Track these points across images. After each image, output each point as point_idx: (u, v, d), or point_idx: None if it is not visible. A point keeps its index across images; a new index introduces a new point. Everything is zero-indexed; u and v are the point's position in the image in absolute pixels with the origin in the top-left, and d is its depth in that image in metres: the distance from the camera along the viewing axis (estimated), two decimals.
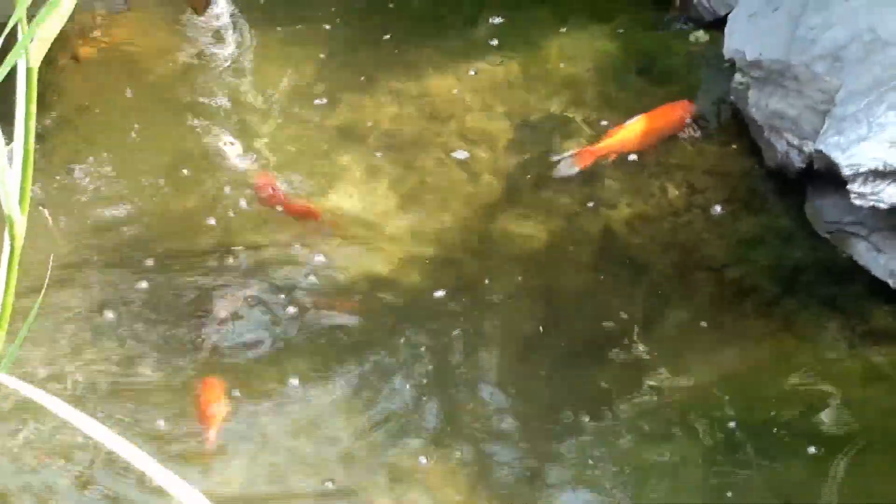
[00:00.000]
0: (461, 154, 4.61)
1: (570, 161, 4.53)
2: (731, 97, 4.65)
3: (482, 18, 5.15)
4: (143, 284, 4.19)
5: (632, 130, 4.61)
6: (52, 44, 1.37)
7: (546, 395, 3.96)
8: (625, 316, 4.11)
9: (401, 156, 4.62)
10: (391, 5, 5.17)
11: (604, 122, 4.68)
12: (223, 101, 4.75)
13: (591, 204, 4.44)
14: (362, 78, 4.90)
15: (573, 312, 4.17)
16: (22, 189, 1.36)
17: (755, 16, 4.63)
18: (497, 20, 5.13)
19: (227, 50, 4.95)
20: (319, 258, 4.27)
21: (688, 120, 4.69)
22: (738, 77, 4.58)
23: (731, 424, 3.84)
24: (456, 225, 4.40)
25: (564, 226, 4.39)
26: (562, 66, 4.95)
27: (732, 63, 4.62)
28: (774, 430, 3.84)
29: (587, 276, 4.27)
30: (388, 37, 5.07)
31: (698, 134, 4.66)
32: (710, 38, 4.96)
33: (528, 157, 4.61)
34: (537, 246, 4.34)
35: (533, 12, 5.18)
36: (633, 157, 4.55)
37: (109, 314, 4.12)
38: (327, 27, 5.09)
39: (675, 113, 4.71)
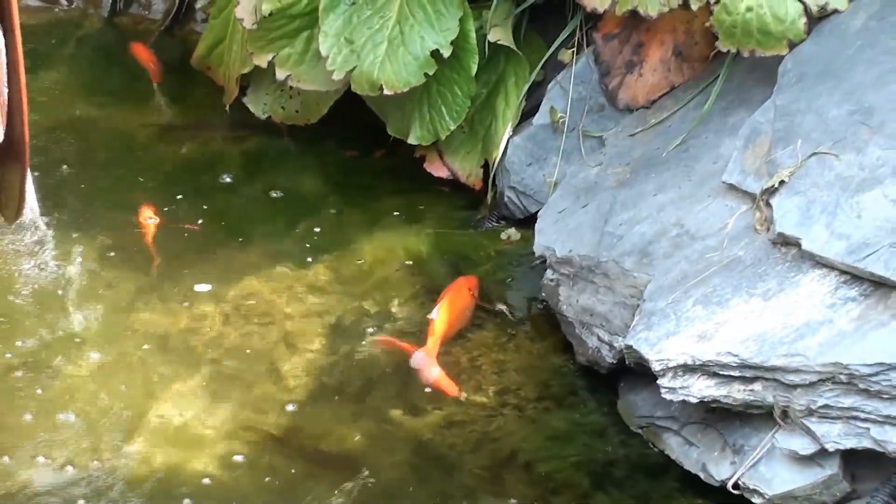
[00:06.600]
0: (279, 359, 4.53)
1: (424, 359, 4.44)
2: (543, 294, 4.62)
3: (295, 222, 5.13)
4: None
5: (444, 318, 4.56)
6: None
7: None
8: None
9: (220, 366, 4.51)
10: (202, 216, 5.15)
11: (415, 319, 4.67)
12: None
13: (405, 409, 4.35)
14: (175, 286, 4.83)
15: None
16: None
17: (564, 213, 4.64)
18: (309, 222, 5.12)
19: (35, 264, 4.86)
20: None
21: (475, 291, 4.71)
22: (548, 273, 4.55)
23: None
24: (262, 427, 4.27)
25: (377, 431, 4.28)
26: (372, 267, 4.92)
27: (544, 260, 4.60)
28: None
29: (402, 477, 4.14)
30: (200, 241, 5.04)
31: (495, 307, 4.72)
32: (522, 236, 4.98)
33: (340, 360, 4.53)
34: (349, 451, 4.21)
35: (345, 214, 5.17)
36: (446, 358, 4.50)
37: None
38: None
39: (465, 287, 4.71)
